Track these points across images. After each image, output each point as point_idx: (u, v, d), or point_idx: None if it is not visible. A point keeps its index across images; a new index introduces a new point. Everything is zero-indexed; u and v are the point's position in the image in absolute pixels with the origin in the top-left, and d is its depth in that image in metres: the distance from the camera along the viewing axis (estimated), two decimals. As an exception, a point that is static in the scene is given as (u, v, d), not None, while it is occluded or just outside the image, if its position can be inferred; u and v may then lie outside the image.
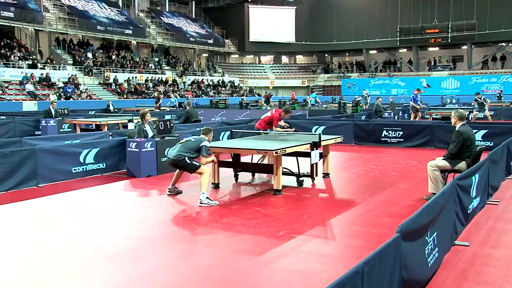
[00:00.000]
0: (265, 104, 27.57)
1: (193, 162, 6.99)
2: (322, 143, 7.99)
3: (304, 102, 31.02)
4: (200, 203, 6.68)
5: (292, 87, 47.96)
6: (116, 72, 35.19)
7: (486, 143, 11.37)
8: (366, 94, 30.57)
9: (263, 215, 6.18)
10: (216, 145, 7.87)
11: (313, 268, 4.34)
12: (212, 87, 41.96)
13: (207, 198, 6.72)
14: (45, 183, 8.23)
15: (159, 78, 38.14)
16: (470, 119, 18.23)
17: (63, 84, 29.78)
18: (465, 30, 40.38)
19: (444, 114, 18.49)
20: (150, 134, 9.40)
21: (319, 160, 7.96)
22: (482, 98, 20.29)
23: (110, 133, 11.86)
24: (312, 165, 8.03)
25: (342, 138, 9.07)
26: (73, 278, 4.21)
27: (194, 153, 7.00)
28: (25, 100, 25.95)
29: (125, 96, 32.62)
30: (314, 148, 7.65)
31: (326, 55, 51.98)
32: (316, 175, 8.35)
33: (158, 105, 24.11)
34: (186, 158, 6.93)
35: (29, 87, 27.19)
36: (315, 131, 13.44)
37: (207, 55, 49.81)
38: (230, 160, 8.48)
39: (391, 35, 43.97)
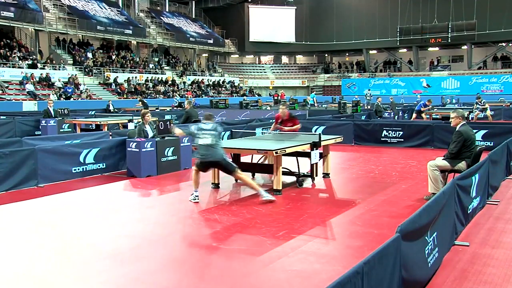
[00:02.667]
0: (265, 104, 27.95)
1: (231, 162, 7.08)
2: (322, 143, 7.99)
3: (304, 102, 31.09)
4: (262, 198, 6.73)
5: (292, 87, 48.01)
6: (116, 72, 35.19)
7: (486, 143, 11.37)
8: (370, 93, 31.12)
9: (263, 215, 6.17)
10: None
11: (313, 268, 4.34)
12: (212, 87, 41.95)
13: (265, 191, 6.79)
14: (45, 183, 8.23)
15: (159, 78, 38.13)
16: (471, 119, 18.24)
17: (63, 84, 29.78)
18: (465, 30, 40.43)
19: (444, 114, 18.49)
20: (150, 134, 9.40)
21: (319, 160, 7.97)
22: (482, 102, 20.38)
23: (110, 133, 11.86)
24: (312, 165, 8.04)
25: (342, 138, 9.07)
26: (73, 278, 4.21)
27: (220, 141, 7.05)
28: (25, 100, 25.95)
29: (125, 96, 32.63)
30: (314, 148, 7.66)
31: (326, 55, 51.99)
32: (316, 175, 8.35)
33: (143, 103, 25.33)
34: (226, 157, 6.96)
35: (29, 87, 27.20)
36: (315, 131, 13.44)
37: (207, 55, 49.81)
38: (230, 160, 8.47)
39: (391, 35, 44.01)
